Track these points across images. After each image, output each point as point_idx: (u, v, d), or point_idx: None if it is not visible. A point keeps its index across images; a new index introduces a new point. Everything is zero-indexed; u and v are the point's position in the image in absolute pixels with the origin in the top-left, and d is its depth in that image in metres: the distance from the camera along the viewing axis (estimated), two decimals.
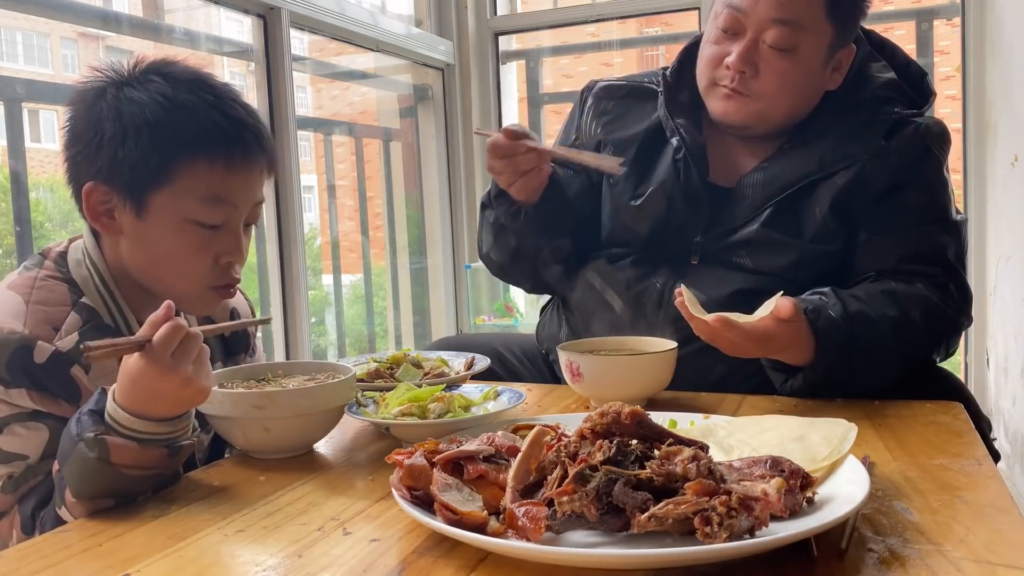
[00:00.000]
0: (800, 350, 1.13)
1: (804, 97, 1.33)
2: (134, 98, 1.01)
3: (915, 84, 1.35)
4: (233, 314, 1.25)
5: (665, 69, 1.48)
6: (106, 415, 0.85)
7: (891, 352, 1.17)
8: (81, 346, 0.82)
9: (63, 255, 1.06)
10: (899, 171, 1.27)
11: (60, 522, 0.87)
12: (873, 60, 1.37)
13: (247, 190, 1.07)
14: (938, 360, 1.30)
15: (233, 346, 1.26)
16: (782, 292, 1.10)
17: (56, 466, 0.88)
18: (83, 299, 1.02)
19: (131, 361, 0.84)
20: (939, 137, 1.30)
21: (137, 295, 1.08)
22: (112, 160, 1.01)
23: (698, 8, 3.04)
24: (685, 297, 1.08)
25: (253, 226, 1.12)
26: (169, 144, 1.00)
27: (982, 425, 1.19)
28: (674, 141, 1.38)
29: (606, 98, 1.49)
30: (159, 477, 0.88)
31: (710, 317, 1.05)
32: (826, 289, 1.19)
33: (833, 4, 1.27)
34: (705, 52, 1.35)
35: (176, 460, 0.89)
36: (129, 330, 1.06)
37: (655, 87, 1.45)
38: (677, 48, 1.49)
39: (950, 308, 1.25)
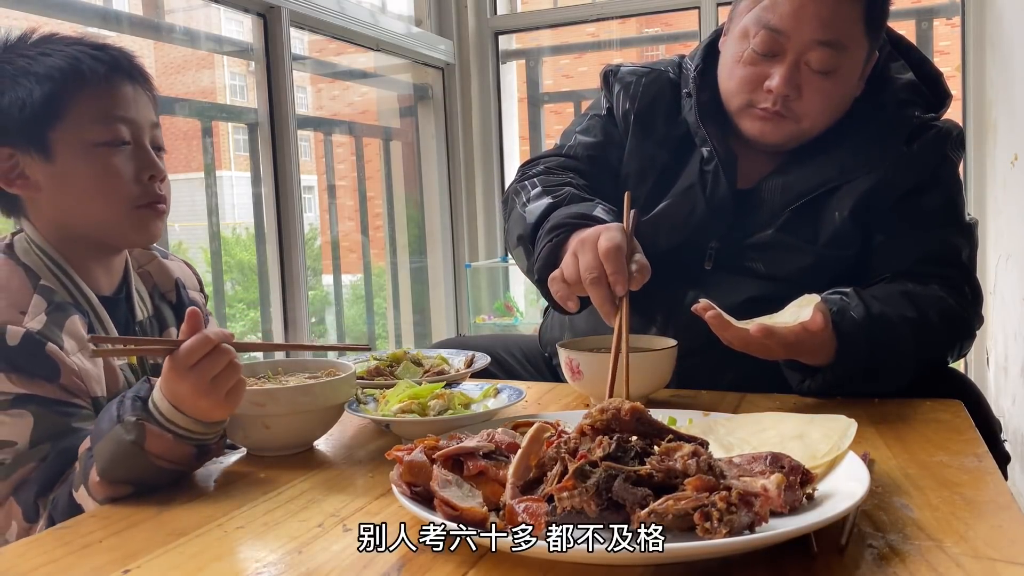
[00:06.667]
0: (823, 352, 1.12)
1: (840, 112, 1.31)
2: None
3: (931, 85, 1.35)
4: (177, 284, 1.27)
5: (682, 57, 1.46)
6: (150, 403, 0.88)
7: (909, 354, 1.16)
8: (88, 337, 0.85)
9: (10, 246, 1.10)
10: (919, 175, 1.27)
11: (74, 507, 0.89)
12: (892, 60, 1.36)
13: (136, 104, 1.12)
14: (950, 361, 1.30)
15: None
16: (820, 297, 1.08)
17: (85, 445, 0.90)
18: (42, 282, 1.04)
19: (165, 362, 0.88)
20: (957, 141, 1.30)
21: (85, 264, 1.12)
22: (2, 115, 1.06)
23: (698, 8, 3.05)
24: (715, 309, 1.05)
25: (163, 152, 1.16)
26: (49, 78, 1.06)
27: (992, 426, 1.19)
28: (704, 151, 1.34)
29: (634, 81, 1.45)
30: (179, 474, 0.91)
31: (751, 326, 1.03)
32: (848, 289, 1.16)
33: (870, 20, 1.25)
34: (737, 73, 1.30)
35: (199, 462, 0.92)
36: (87, 302, 1.09)
37: (672, 75, 1.43)
38: (677, 48, 1.49)
39: (965, 309, 1.24)
